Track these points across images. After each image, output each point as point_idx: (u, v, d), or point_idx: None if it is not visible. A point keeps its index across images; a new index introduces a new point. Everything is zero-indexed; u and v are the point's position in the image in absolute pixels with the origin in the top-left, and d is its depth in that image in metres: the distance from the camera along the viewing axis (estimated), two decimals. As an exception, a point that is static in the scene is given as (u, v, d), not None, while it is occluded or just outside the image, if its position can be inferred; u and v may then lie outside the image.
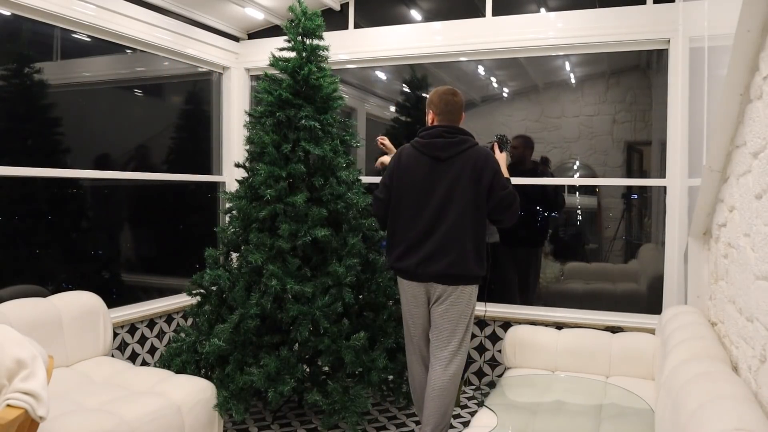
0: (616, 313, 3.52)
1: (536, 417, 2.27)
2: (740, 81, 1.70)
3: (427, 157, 2.58)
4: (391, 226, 2.66)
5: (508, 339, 2.97)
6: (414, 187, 2.58)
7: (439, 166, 2.55)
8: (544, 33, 3.54)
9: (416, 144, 2.65)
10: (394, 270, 2.71)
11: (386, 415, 3.30)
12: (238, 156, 4.02)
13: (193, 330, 2.97)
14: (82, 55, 3.45)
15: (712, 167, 2.15)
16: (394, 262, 2.65)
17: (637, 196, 3.86)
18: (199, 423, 2.46)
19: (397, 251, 2.61)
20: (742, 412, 1.30)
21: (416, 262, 2.55)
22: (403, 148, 2.70)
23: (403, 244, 2.59)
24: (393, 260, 2.65)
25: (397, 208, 2.62)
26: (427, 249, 2.53)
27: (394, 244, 2.64)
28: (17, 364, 1.65)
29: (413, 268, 2.56)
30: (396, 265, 2.64)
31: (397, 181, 2.62)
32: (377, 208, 2.73)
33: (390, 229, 2.67)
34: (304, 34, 2.98)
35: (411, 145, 2.67)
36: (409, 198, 2.59)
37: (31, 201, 3.11)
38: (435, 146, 2.58)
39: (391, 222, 2.66)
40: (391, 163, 2.71)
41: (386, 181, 2.67)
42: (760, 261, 1.54)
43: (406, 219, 2.60)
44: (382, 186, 2.70)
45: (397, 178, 2.62)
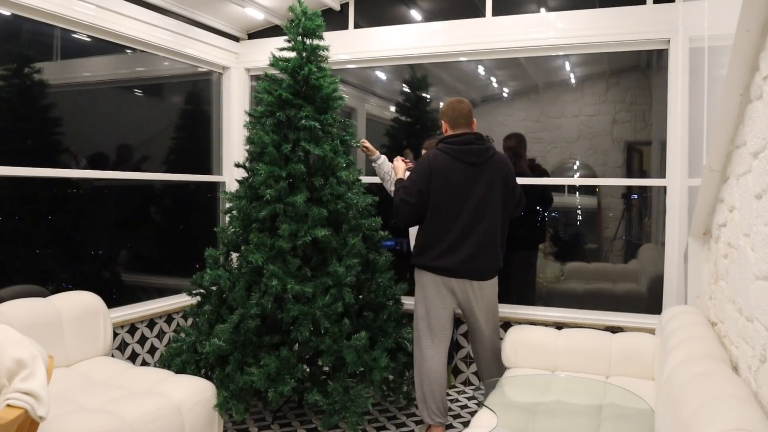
0: (616, 313, 3.52)
1: (536, 417, 2.27)
2: (740, 81, 1.70)
3: (462, 163, 2.78)
4: (429, 228, 2.82)
5: (508, 339, 2.97)
6: (452, 191, 2.77)
7: (473, 171, 2.79)
8: (544, 33, 3.54)
9: (449, 150, 2.81)
10: (431, 269, 2.84)
11: (386, 415, 3.30)
12: (238, 156, 4.02)
13: (193, 330, 2.97)
14: (82, 55, 3.45)
15: (712, 167, 2.15)
16: (432, 261, 2.81)
17: (637, 196, 3.86)
18: (199, 423, 2.46)
19: (436, 252, 2.80)
20: (742, 412, 1.30)
21: (458, 260, 2.78)
22: (434, 154, 2.83)
23: (443, 245, 2.78)
24: (431, 260, 2.81)
25: (435, 211, 2.78)
26: (469, 248, 2.77)
27: (432, 245, 2.81)
28: (17, 364, 1.65)
29: (455, 266, 2.79)
30: (435, 264, 2.81)
31: (435, 186, 2.76)
32: (409, 212, 2.82)
33: (427, 231, 2.83)
34: (304, 34, 2.98)
35: (442, 151, 2.82)
36: (447, 201, 2.77)
37: (31, 201, 3.11)
38: (470, 152, 2.80)
39: (428, 224, 2.81)
40: (423, 169, 2.81)
41: (421, 186, 2.78)
42: (760, 261, 1.54)
43: (445, 221, 2.78)
44: (415, 191, 2.78)
45: (435, 184, 2.76)
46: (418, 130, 4.25)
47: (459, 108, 2.88)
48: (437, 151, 2.83)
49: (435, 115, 4.27)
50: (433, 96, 4.27)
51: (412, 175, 2.85)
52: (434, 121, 4.24)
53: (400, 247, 4.20)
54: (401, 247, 4.22)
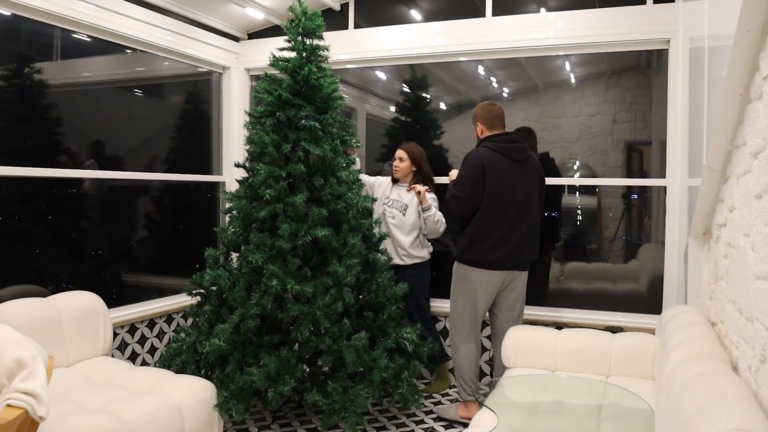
0: (616, 313, 3.52)
1: (536, 417, 2.27)
2: (740, 81, 1.70)
3: (510, 160, 2.98)
4: (480, 222, 2.96)
5: (508, 339, 2.97)
6: (502, 186, 2.94)
7: (518, 168, 2.99)
8: (544, 33, 3.54)
9: (497, 148, 2.99)
10: (481, 263, 2.99)
11: (386, 415, 3.30)
12: (238, 156, 4.02)
13: (193, 330, 2.97)
14: (82, 55, 3.45)
15: (712, 167, 2.15)
16: (483, 254, 2.97)
17: (637, 196, 3.86)
18: (199, 423, 2.46)
19: (487, 245, 2.95)
20: (742, 412, 1.30)
21: (507, 253, 2.96)
22: (483, 152, 2.98)
23: (493, 238, 2.95)
24: (482, 253, 2.97)
25: (486, 206, 2.94)
26: (516, 241, 2.97)
27: (484, 239, 2.96)
28: (17, 364, 1.65)
29: (504, 258, 2.97)
30: (486, 257, 2.97)
31: (489, 182, 2.92)
32: (462, 207, 2.97)
33: (478, 226, 2.97)
34: (304, 34, 2.98)
35: (491, 149, 2.98)
36: (497, 196, 2.94)
37: (31, 201, 3.11)
38: (516, 150, 3.01)
39: (479, 219, 2.96)
40: (475, 165, 2.94)
41: (473, 182, 2.94)
42: (760, 261, 1.54)
43: (496, 215, 2.95)
44: (467, 187, 2.94)
45: (488, 180, 2.92)
46: (418, 130, 4.24)
47: (494, 110, 3.09)
48: (485, 149, 2.99)
49: (435, 115, 4.27)
50: (433, 96, 4.27)
51: (462, 171, 3.00)
52: (434, 121, 4.24)
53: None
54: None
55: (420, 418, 3.27)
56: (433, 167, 3.65)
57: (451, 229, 3.25)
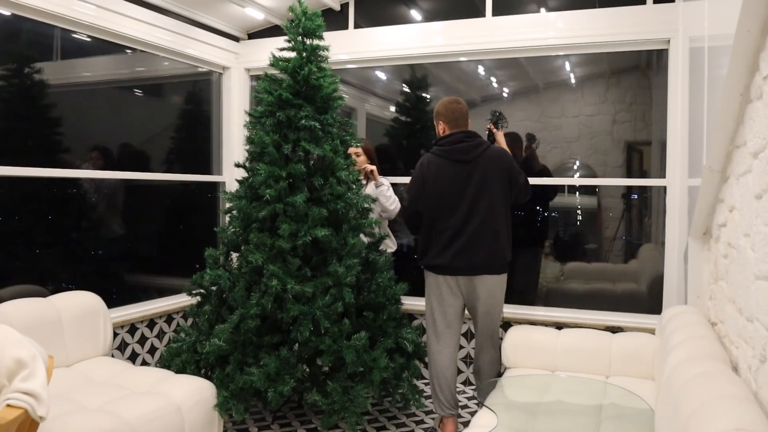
0: (616, 313, 3.52)
1: (536, 417, 2.27)
2: (740, 81, 1.70)
3: (451, 162, 2.85)
4: (427, 229, 2.91)
5: (508, 339, 2.97)
6: (445, 191, 2.84)
7: (464, 168, 2.84)
8: (544, 33, 3.54)
9: (439, 152, 2.90)
10: (431, 268, 2.93)
11: (386, 415, 3.30)
12: (238, 156, 4.02)
13: (193, 330, 2.97)
14: (82, 55, 3.45)
15: (712, 167, 2.15)
16: (431, 260, 2.90)
17: (637, 196, 3.86)
18: (199, 423, 2.46)
19: (434, 251, 2.88)
20: (742, 412, 1.30)
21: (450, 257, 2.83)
22: (427, 158, 2.93)
23: (440, 244, 2.86)
24: (430, 259, 2.90)
25: (431, 212, 2.87)
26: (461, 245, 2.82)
27: (431, 245, 2.90)
28: (17, 364, 1.65)
29: (449, 263, 2.84)
30: (433, 262, 2.90)
31: (429, 188, 2.86)
32: (413, 219, 2.97)
33: (425, 232, 2.93)
34: (304, 34, 2.98)
35: (433, 153, 2.92)
36: (441, 202, 2.85)
37: (31, 201, 3.11)
38: (459, 151, 2.86)
39: (426, 226, 2.91)
40: (416, 175, 2.92)
41: (415, 192, 2.91)
42: (760, 261, 1.54)
43: (441, 221, 2.86)
44: (412, 199, 2.93)
45: (429, 187, 2.86)
46: (418, 130, 4.25)
47: (458, 109, 2.93)
48: (429, 155, 2.93)
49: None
50: (433, 96, 4.27)
51: (410, 182, 2.96)
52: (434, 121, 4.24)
53: (400, 248, 4.20)
54: (401, 248, 4.22)
55: (420, 418, 3.27)
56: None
57: None
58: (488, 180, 2.82)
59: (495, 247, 2.84)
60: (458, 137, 2.88)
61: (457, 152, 2.85)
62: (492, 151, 2.89)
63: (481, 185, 2.81)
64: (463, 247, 2.81)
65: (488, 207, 2.81)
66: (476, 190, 2.81)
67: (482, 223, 2.81)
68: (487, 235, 2.82)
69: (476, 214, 2.81)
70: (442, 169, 2.85)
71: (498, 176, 2.84)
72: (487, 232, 2.82)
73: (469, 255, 2.82)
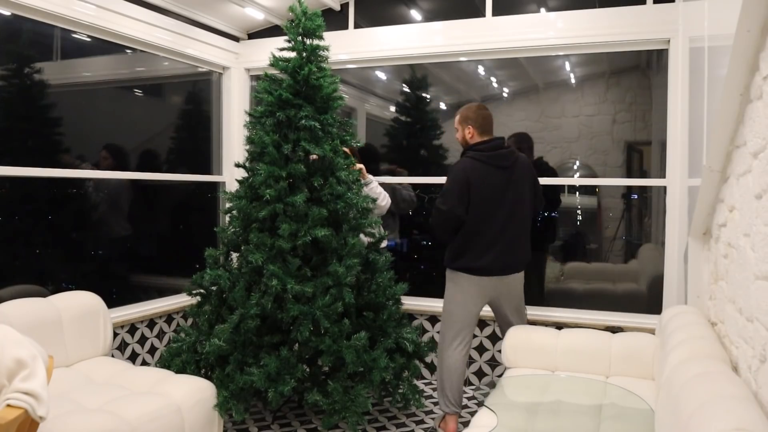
0: (616, 313, 3.52)
1: (536, 417, 2.27)
2: (740, 81, 1.70)
3: (496, 168, 2.93)
4: (467, 232, 2.93)
5: (508, 339, 2.97)
6: (488, 196, 2.91)
7: (504, 175, 2.95)
8: (544, 33, 3.54)
9: (480, 157, 2.94)
10: (468, 270, 2.95)
11: (386, 415, 3.30)
12: (238, 156, 4.02)
13: (193, 330, 2.97)
14: (82, 55, 3.45)
15: (712, 167, 2.15)
16: (469, 262, 2.94)
17: (637, 196, 3.86)
18: (199, 423, 2.46)
19: (474, 253, 2.93)
20: (742, 412, 1.30)
21: (493, 259, 2.92)
22: (468, 162, 2.94)
23: (480, 246, 2.92)
24: (468, 261, 2.94)
25: (473, 216, 2.91)
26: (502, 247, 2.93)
27: (470, 248, 2.93)
28: (17, 364, 1.65)
29: (491, 265, 2.93)
30: (473, 264, 2.93)
31: (474, 194, 2.89)
32: (451, 222, 2.93)
33: (465, 235, 2.94)
34: (304, 34, 2.98)
35: (472, 159, 2.95)
36: (483, 206, 2.90)
37: (31, 201, 3.11)
38: (502, 157, 2.96)
39: (465, 230, 2.93)
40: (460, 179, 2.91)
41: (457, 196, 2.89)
42: (760, 261, 1.54)
43: (482, 224, 2.91)
44: (454, 202, 2.89)
45: (474, 192, 2.89)
46: (418, 130, 4.25)
47: (487, 115, 3.04)
48: (468, 160, 2.95)
49: (435, 115, 4.27)
50: (433, 96, 4.27)
51: (447, 184, 2.96)
52: (434, 121, 4.24)
53: (400, 248, 4.20)
54: (401, 248, 4.23)
55: (420, 418, 3.27)
56: (432, 167, 3.77)
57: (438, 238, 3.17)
58: (522, 186, 2.99)
59: (526, 248, 3.05)
60: (497, 143, 3.00)
61: (498, 158, 2.95)
62: (522, 159, 3.06)
63: (518, 191, 2.97)
64: (502, 250, 2.93)
65: (522, 211, 2.98)
66: (513, 195, 2.95)
67: (518, 227, 2.97)
68: (521, 238, 3.01)
69: (513, 217, 2.95)
70: (485, 174, 2.92)
71: (528, 183, 3.03)
72: (522, 235, 3.01)
73: (507, 257, 2.96)
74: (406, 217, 4.21)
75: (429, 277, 4.28)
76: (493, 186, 2.92)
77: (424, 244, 4.31)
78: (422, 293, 3.90)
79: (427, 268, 4.30)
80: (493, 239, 2.92)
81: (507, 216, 2.93)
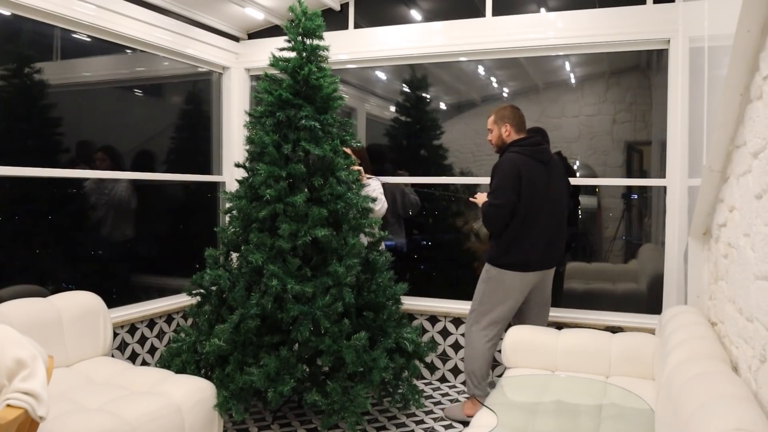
0: (616, 313, 3.52)
1: (536, 417, 2.27)
2: (740, 81, 1.70)
3: (539, 163, 3.03)
4: (516, 227, 2.97)
5: (508, 339, 2.97)
6: (535, 190, 2.97)
7: (547, 170, 3.05)
8: (544, 33, 3.54)
9: (527, 152, 3.02)
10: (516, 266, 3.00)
11: (386, 415, 3.30)
12: (238, 156, 4.02)
13: (193, 330, 2.97)
14: (82, 55, 3.45)
15: (712, 167, 2.15)
16: (518, 258, 2.99)
17: (637, 196, 3.86)
18: (199, 423, 2.46)
19: (523, 248, 2.99)
20: (742, 412, 1.30)
21: (541, 254, 3.02)
22: (516, 157, 2.99)
23: (529, 241, 2.98)
24: (517, 257, 2.99)
25: (521, 210, 2.95)
26: (548, 242, 3.03)
27: (520, 243, 2.98)
28: (17, 364, 1.65)
29: (539, 259, 3.03)
30: (522, 260, 3.00)
31: (525, 186, 2.94)
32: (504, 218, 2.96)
33: (514, 231, 2.98)
34: (304, 34, 2.98)
35: (521, 154, 3.01)
36: (531, 201, 2.96)
37: (31, 201, 3.11)
38: (543, 152, 3.08)
39: (515, 224, 2.97)
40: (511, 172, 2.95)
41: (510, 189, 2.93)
42: (760, 261, 1.54)
43: (530, 219, 2.97)
44: (509, 195, 2.93)
45: (524, 184, 2.95)
46: (418, 130, 4.25)
47: (521, 114, 3.15)
48: (515, 155, 3.01)
49: (435, 115, 4.27)
50: (433, 96, 4.27)
51: (497, 180, 2.98)
52: (434, 121, 4.24)
53: (400, 247, 4.20)
54: (402, 248, 4.23)
55: (420, 418, 3.27)
56: (431, 167, 3.75)
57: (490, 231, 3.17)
58: (560, 181, 3.12)
59: (563, 244, 3.18)
60: (537, 140, 3.09)
61: (541, 153, 3.05)
62: (554, 156, 3.19)
63: (557, 185, 3.09)
64: (547, 244, 3.03)
65: (560, 206, 3.09)
66: (555, 190, 3.06)
67: (558, 221, 3.08)
68: (560, 233, 3.12)
69: (554, 212, 3.05)
70: (532, 168, 2.98)
71: (563, 179, 3.17)
72: (561, 230, 3.11)
73: (549, 251, 3.06)
74: (405, 217, 4.21)
75: (429, 277, 4.28)
76: (539, 180, 2.99)
77: (424, 244, 4.31)
78: (422, 293, 3.90)
79: (427, 268, 4.30)
80: (539, 233, 2.99)
81: (550, 210, 3.02)
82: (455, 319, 3.80)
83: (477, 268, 4.16)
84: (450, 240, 4.25)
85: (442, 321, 3.85)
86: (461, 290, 4.00)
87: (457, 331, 3.79)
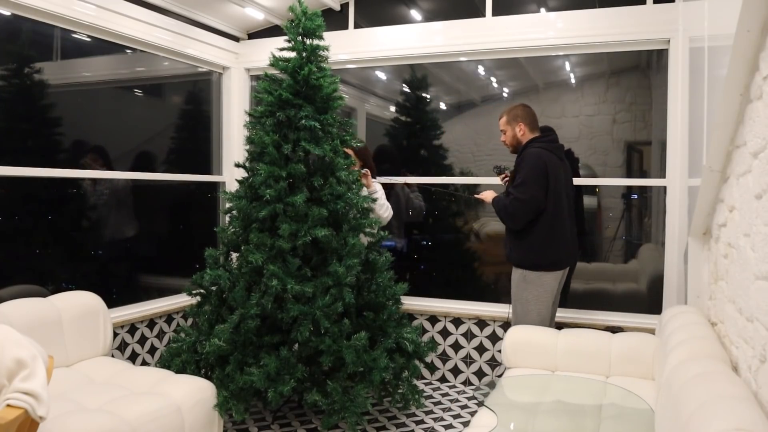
0: (616, 313, 3.52)
1: (536, 417, 2.27)
2: (740, 81, 1.70)
3: (557, 158, 3.03)
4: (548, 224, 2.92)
5: (508, 339, 2.97)
6: (559, 184, 2.97)
7: (563, 166, 3.06)
8: (544, 33, 3.54)
9: (549, 148, 3.01)
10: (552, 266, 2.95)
11: (386, 415, 3.30)
12: (238, 156, 4.02)
13: (193, 330, 2.97)
14: (82, 55, 3.45)
15: (712, 167, 2.15)
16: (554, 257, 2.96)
17: (637, 196, 3.86)
18: (199, 423, 2.46)
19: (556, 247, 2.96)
20: (742, 412, 1.30)
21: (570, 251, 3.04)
22: (537, 152, 2.95)
23: (560, 239, 2.97)
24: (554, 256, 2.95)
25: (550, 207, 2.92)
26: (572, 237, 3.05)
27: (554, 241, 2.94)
28: (17, 364, 1.65)
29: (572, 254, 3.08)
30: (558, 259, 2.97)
31: (551, 181, 2.92)
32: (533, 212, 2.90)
33: (548, 227, 2.93)
34: (304, 34, 2.98)
35: (544, 149, 2.98)
36: (557, 196, 2.95)
37: (31, 201, 3.11)
38: (560, 149, 3.10)
39: (545, 222, 2.92)
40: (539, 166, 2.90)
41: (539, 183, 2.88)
42: (760, 261, 1.54)
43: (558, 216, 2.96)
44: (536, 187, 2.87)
45: (551, 179, 2.92)
46: (418, 130, 4.25)
47: (532, 112, 3.12)
48: (539, 150, 2.97)
49: (435, 115, 4.27)
50: (433, 96, 4.27)
51: (525, 174, 2.91)
52: (434, 121, 4.24)
53: (400, 248, 4.20)
54: (402, 248, 4.23)
55: (420, 418, 3.27)
56: (431, 167, 3.73)
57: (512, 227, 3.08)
58: (571, 179, 3.15)
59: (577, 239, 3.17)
60: (554, 137, 3.09)
61: (560, 150, 3.07)
62: None
63: (570, 182, 3.12)
64: (572, 240, 3.04)
65: (572, 203, 3.09)
66: (571, 186, 3.11)
67: (574, 216, 3.09)
68: (574, 228, 3.10)
69: (571, 208, 3.06)
70: (554, 163, 2.97)
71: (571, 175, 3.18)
72: (574, 226, 3.09)
73: (574, 247, 3.09)
74: (406, 217, 4.21)
75: (429, 277, 4.28)
76: (560, 176, 3.00)
77: (424, 244, 4.31)
78: (422, 293, 3.90)
79: (427, 268, 4.30)
80: (566, 230, 2.99)
81: (569, 207, 3.03)
82: (455, 319, 3.80)
83: (477, 268, 4.16)
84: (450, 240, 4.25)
85: (442, 321, 3.85)
86: (461, 290, 4.01)
87: (457, 331, 3.79)
